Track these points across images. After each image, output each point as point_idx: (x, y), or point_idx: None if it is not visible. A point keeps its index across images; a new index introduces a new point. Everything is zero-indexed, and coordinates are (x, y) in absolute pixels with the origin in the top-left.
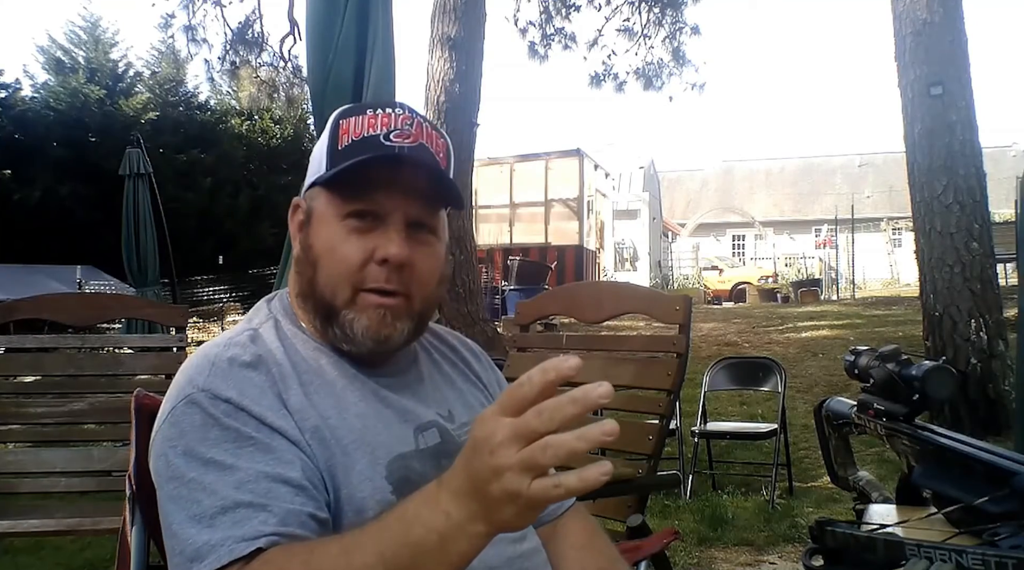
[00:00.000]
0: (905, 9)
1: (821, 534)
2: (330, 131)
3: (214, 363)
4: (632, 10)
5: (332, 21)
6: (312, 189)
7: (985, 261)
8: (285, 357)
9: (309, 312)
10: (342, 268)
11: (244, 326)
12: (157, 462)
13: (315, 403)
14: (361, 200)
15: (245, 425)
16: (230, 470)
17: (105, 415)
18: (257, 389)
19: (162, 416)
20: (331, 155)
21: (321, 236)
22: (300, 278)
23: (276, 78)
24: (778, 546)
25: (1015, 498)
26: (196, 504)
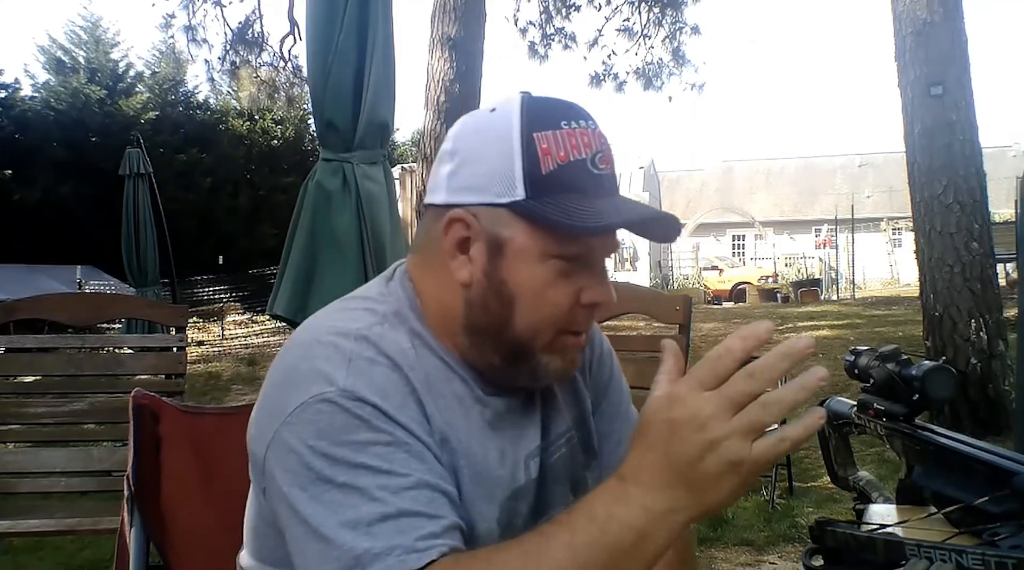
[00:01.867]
0: (905, 9)
1: (821, 534)
2: (523, 146)
3: (351, 360)
4: (632, 10)
5: (332, 21)
6: (496, 210)
7: (985, 261)
8: (419, 364)
9: (481, 346)
10: (549, 313)
11: (368, 319)
12: (286, 458)
13: (448, 421)
14: (576, 244)
15: (395, 430)
16: (387, 475)
17: (105, 415)
18: (400, 395)
19: (285, 408)
20: (531, 180)
21: (523, 275)
22: (477, 311)
23: (276, 78)
24: (778, 546)
25: (1015, 498)
26: (351, 509)
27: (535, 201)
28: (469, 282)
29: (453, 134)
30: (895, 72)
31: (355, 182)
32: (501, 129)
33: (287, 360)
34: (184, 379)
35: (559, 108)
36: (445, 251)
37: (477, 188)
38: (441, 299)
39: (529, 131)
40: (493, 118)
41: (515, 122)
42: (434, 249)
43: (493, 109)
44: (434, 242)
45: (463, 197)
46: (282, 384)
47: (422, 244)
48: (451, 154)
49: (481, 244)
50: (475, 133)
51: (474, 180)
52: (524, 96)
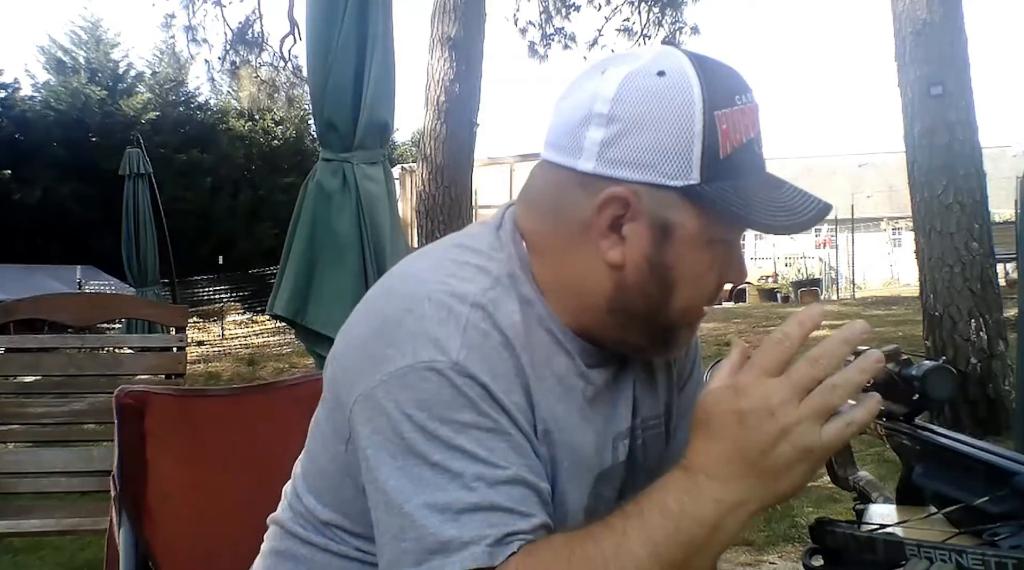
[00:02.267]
0: (905, 9)
1: (821, 534)
2: (703, 124)
3: (466, 329)
4: (632, 10)
5: (332, 21)
6: (664, 192)
7: (985, 261)
8: (527, 339)
9: (623, 326)
10: (704, 296)
11: (485, 281)
12: (377, 418)
13: (551, 407)
14: (736, 230)
15: (500, 416)
16: (484, 464)
17: (105, 415)
18: (509, 377)
19: (384, 365)
20: (708, 163)
21: (688, 261)
22: (631, 294)
23: (276, 78)
24: (778, 546)
25: (1015, 498)
26: (441, 492)
27: (710, 186)
28: (622, 264)
29: (610, 95)
30: (895, 72)
31: (355, 182)
32: (678, 101)
33: (389, 308)
34: (184, 379)
35: (732, 79)
36: (592, 226)
37: (643, 164)
38: (573, 274)
39: (711, 108)
40: (664, 85)
41: (695, 96)
42: (569, 217)
43: (661, 72)
44: (569, 210)
45: (623, 172)
46: (382, 335)
47: (547, 206)
48: (607, 118)
49: (642, 226)
50: (643, 101)
51: (640, 154)
52: (692, 59)
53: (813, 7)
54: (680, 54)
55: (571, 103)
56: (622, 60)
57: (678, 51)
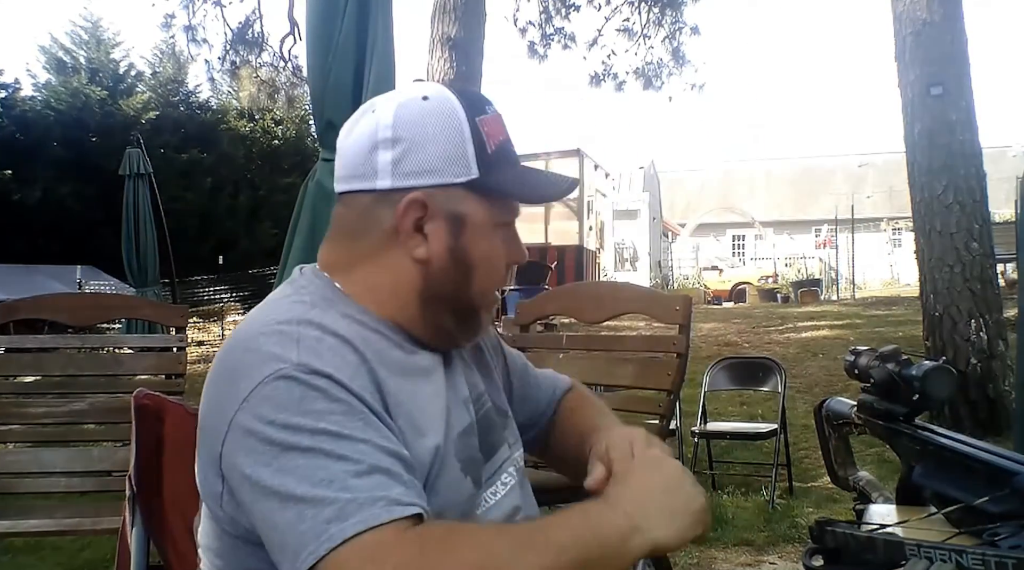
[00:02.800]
0: (905, 9)
1: (821, 534)
2: (470, 130)
3: (299, 340)
4: (632, 10)
5: (332, 21)
6: (452, 190)
7: (985, 261)
8: (358, 336)
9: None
10: (498, 278)
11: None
12: (245, 441)
13: (389, 384)
14: (513, 212)
15: (350, 398)
16: (348, 439)
17: (105, 415)
18: (351, 367)
19: (238, 396)
20: (481, 159)
21: (482, 245)
22: (438, 281)
23: (276, 78)
24: (778, 546)
25: (1015, 498)
26: (322, 470)
27: (487, 177)
28: (428, 258)
29: (389, 122)
30: (895, 72)
31: None
32: (446, 115)
33: (230, 360)
34: (184, 379)
35: (478, 95)
36: (399, 232)
37: (432, 171)
38: (385, 277)
39: (473, 116)
40: (433, 106)
41: (458, 108)
42: (374, 230)
43: (425, 97)
44: (374, 224)
45: (416, 180)
46: (230, 378)
47: (351, 230)
48: (392, 141)
49: (440, 222)
50: (419, 120)
51: (427, 164)
52: (446, 84)
53: (813, 7)
54: (437, 85)
55: (353, 139)
56: (387, 98)
57: (434, 84)
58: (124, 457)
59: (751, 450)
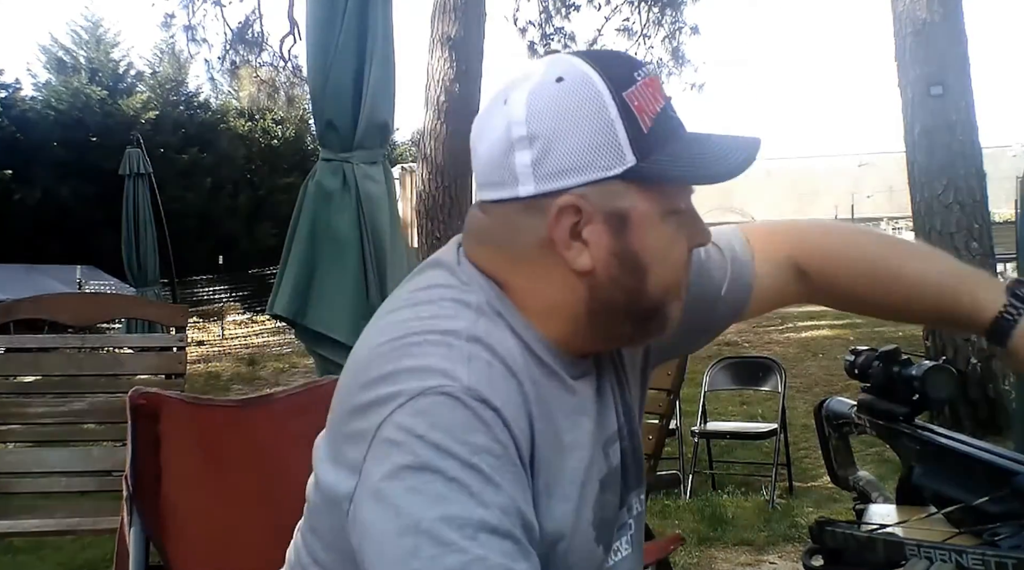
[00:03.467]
0: (905, 9)
1: (821, 534)
2: (618, 109)
3: (470, 359)
4: (632, 10)
5: (332, 21)
6: (607, 184)
7: (985, 261)
8: (525, 367)
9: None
10: (676, 267)
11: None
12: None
13: (544, 430)
14: (685, 193)
15: (509, 444)
16: (496, 487)
17: (105, 415)
18: (516, 403)
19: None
20: (636, 142)
21: (651, 240)
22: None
23: (276, 78)
24: (778, 546)
25: (1015, 498)
26: (458, 505)
27: (646, 162)
28: (592, 267)
29: (522, 117)
30: (895, 72)
31: (355, 182)
32: (586, 97)
33: (379, 360)
34: (184, 379)
35: (624, 61)
36: (554, 243)
37: (579, 167)
38: (544, 294)
39: (618, 91)
40: (568, 88)
41: (600, 86)
42: (525, 244)
43: (560, 78)
44: (524, 237)
45: (563, 181)
46: (383, 379)
47: (500, 241)
48: (528, 139)
49: (598, 224)
50: (555, 110)
51: (572, 159)
52: (582, 56)
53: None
54: (567, 55)
55: (487, 141)
56: (517, 83)
57: (566, 54)
58: (124, 457)
59: (751, 450)
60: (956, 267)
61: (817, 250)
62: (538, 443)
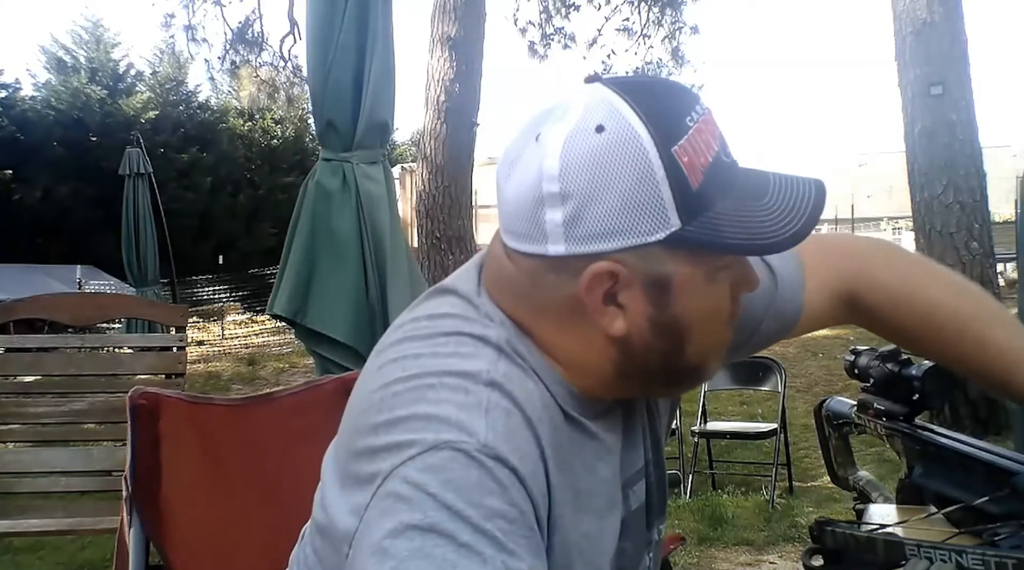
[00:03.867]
0: (905, 9)
1: (821, 534)
2: (665, 168)
3: (488, 410)
4: (632, 10)
5: (332, 21)
6: (648, 249)
7: (985, 261)
8: (544, 413)
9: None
10: (722, 324)
11: (490, 353)
12: (393, 507)
13: (559, 485)
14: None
15: (526, 507)
16: (509, 554)
17: (105, 415)
18: (534, 459)
19: (399, 453)
20: (683, 203)
21: (695, 304)
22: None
23: (276, 78)
24: (778, 546)
25: (1015, 498)
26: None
27: (693, 224)
28: (627, 332)
29: (555, 172)
30: (895, 72)
31: (355, 182)
32: (630, 154)
33: (392, 407)
34: (184, 379)
35: (675, 101)
36: (585, 308)
37: (616, 231)
38: (570, 348)
39: (667, 146)
40: (608, 141)
41: (645, 141)
42: (552, 300)
43: (600, 127)
44: (551, 293)
45: (598, 245)
46: (394, 422)
47: (523, 291)
48: (561, 197)
49: (636, 290)
50: (593, 167)
51: (610, 222)
52: (626, 98)
53: (813, 6)
54: (611, 96)
55: (516, 185)
56: (553, 119)
57: (607, 92)
58: (124, 457)
59: (751, 450)
60: (1018, 336)
61: (877, 285)
62: (555, 499)
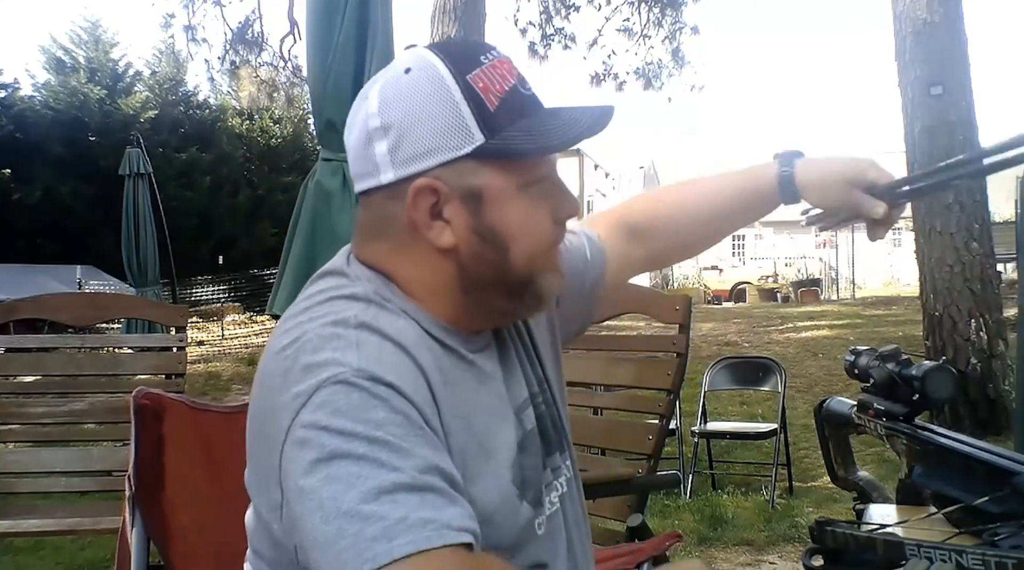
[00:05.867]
0: (905, 9)
1: (821, 534)
2: (462, 91)
3: (359, 344)
4: (632, 10)
5: (332, 21)
6: (460, 164)
7: (985, 261)
8: (416, 342)
9: (484, 297)
10: (540, 239)
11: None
12: (300, 450)
13: (445, 398)
14: (543, 166)
15: (411, 411)
16: (406, 453)
17: (105, 415)
18: (411, 377)
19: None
20: (484, 121)
21: (509, 214)
22: (474, 267)
23: (276, 78)
24: (778, 546)
25: (1015, 498)
26: (372, 479)
27: (495, 139)
28: (455, 244)
29: (375, 109)
30: (895, 72)
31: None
32: (431, 84)
33: (282, 362)
34: (184, 379)
35: (471, 46)
36: (416, 225)
37: (431, 150)
38: (423, 276)
39: (462, 75)
40: (415, 78)
41: (443, 72)
42: (395, 229)
43: (408, 69)
44: (393, 222)
45: (418, 165)
46: (284, 382)
47: (376, 230)
48: (383, 129)
49: (456, 203)
50: (404, 99)
51: (424, 143)
52: (432, 47)
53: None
54: (421, 48)
55: (353, 135)
56: (376, 78)
57: (420, 47)
58: (124, 457)
59: (751, 450)
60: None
61: (636, 206)
62: (443, 409)
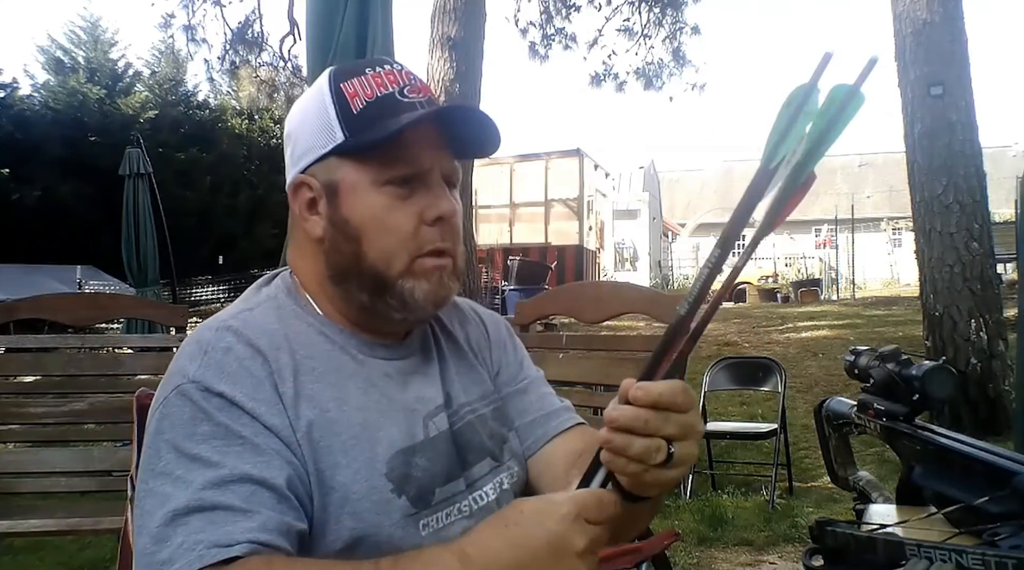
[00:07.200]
0: (905, 9)
1: (821, 534)
2: (333, 96)
3: (207, 351)
4: (632, 10)
5: (332, 21)
6: (326, 162)
7: (985, 261)
8: (285, 341)
9: (349, 290)
10: (396, 237)
11: (240, 306)
12: (145, 455)
13: (314, 394)
14: (402, 164)
15: (236, 421)
16: (215, 468)
17: (105, 415)
18: (252, 381)
19: (155, 406)
20: (346, 121)
21: (359, 207)
22: (334, 257)
23: (276, 78)
24: (778, 546)
25: (1015, 498)
26: (175, 500)
27: (354, 138)
28: (322, 236)
29: (287, 123)
30: (895, 72)
31: None
32: (313, 94)
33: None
34: None
35: (365, 62)
36: (298, 219)
37: (307, 150)
38: (309, 268)
39: (336, 83)
40: (308, 91)
41: (323, 83)
42: (293, 227)
43: (312, 84)
44: (294, 221)
45: (301, 164)
46: (159, 387)
47: (289, 232)
48: (287, 138)
49: (322, 196)
50: (296, 109)
51: (304, 146)
52: (337, 66)
53: (813, 7)
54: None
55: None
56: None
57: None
58: (124, 457)
59: (751, 450)
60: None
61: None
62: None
